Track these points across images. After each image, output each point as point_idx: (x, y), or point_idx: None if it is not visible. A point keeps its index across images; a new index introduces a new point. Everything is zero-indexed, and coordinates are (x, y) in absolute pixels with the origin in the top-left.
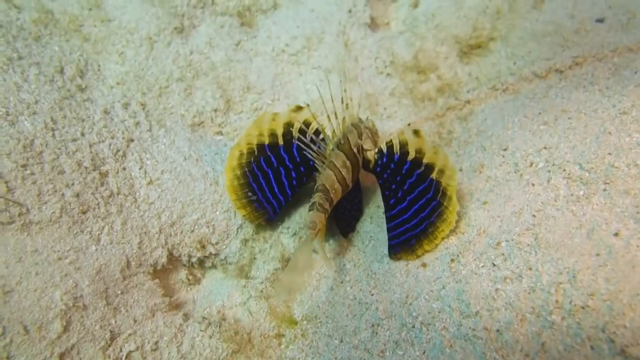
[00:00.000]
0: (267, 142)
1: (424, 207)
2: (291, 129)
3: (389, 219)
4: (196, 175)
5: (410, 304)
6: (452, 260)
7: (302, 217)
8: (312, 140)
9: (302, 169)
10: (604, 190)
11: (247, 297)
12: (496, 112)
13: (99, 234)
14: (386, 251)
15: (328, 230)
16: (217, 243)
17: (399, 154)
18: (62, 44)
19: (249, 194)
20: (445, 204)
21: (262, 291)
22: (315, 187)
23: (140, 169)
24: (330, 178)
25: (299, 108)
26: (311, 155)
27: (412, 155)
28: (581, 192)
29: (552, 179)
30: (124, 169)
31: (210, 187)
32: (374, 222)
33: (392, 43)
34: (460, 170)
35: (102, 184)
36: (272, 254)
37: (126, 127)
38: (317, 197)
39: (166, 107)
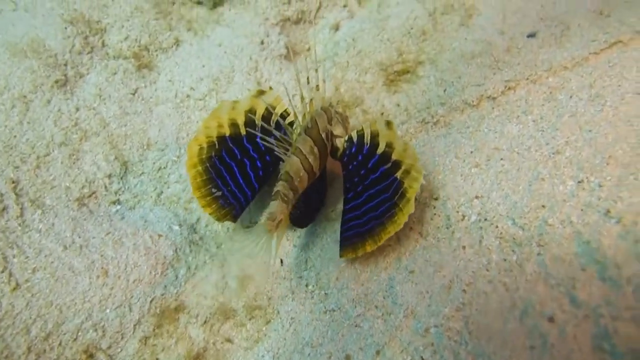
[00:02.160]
0: (228, 133)
1: (378, 206)
2: (253, 116)
3: (343, 213)
4: (79, 267)
5: None
6: (378, 352)
7: None
8: (277, 126)
9: (267, 158)
10: (538, 254)
11: None
12: (427, 150)
13: None
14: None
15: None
16: (109, 348)
17: (368, 145)
18: None
19: (213, 190)
20: (400, 205)
21: None
22: (279, 174)
23: (2, 272)
24: (295, 165)
25: (261, 92)
26: (271, 143)
27: (381, 148)
28: (514, 258)
29: (484, 238)
30: None
31: (98, 280)
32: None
33: (311, 76)
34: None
35: None
36: (178, 350)
37: None
38: (280, 186)
39: (46, 181)
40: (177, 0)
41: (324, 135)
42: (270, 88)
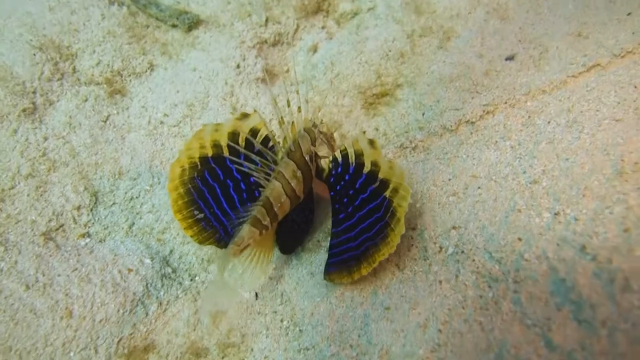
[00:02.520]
0: (210, 154)
1: (371, 226)
2: (237, 138)
3: (333, 235)
4: (41, 309)
5: None
6: None
7: None
8: (258, 152)
9: (251, 179)
10: (514, 292)
11: None
12: (405, 177)
13: None
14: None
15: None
16: None
17: (354, 164)
18: None
19: (195, 212)
20: (392, 225)
21: None
22: (258, 199)
23: None
24: (276, 190)
25: (244, 115)
26: (250, 169)
27: (367, 167)
28: (490, 295)
29: (460, 273)
30: None
31: (61, 322)
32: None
33: (291, 98)
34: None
35: None
36: None
37: None
38: (256, 211)
39: (10, 215)
40: (151, 24)
41: (307, 158)
42: (255, 111)
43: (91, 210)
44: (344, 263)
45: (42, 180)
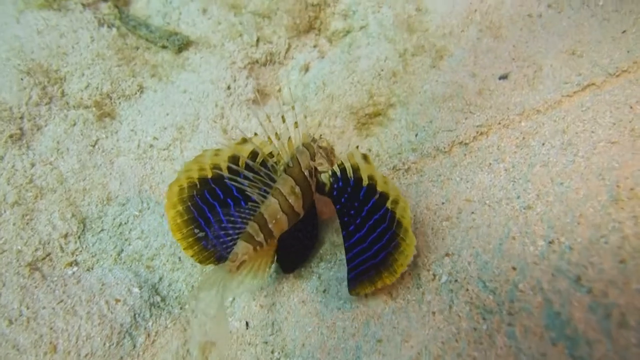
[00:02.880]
0: (210, 175)
1: (381, 236)
2: (237, 161)
3: (348, 249)
4: (25, 344)
5: None
6: None
7: None
8: (258, 171)
9: (252, 198)
10: (509, 325)
11: None
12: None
13: None
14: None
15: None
16: None
17: (353, 178)
18: None
19: (196, 230)
20: (401, 235)
21: None
22: (254, 215)
23: None
24: (271, 207)
25: (244, 140)
26: (245, 186)
27: (365, 181)
28: (484, 327)
29: (454, 303)
30: None
31: (45, 357)
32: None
33: (287, 115)
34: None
35: None
36: None
37: None
38: (250, 227)
39: None
40: (141, 45)
41: (306, 173)
42: (255, 134)
43: (79, 237)
44: (364, 274)
45: (29, 208)
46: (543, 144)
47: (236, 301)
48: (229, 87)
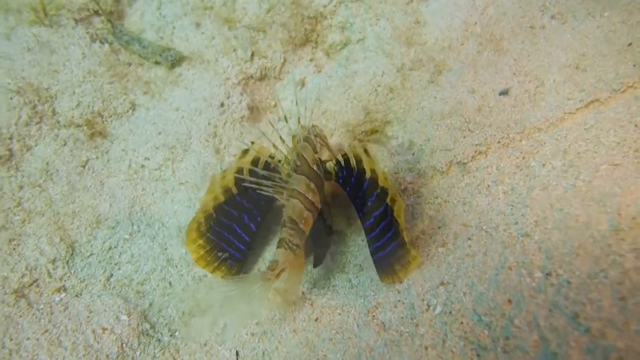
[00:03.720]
0: (223, 199)
1: (389, 227)
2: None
3: (367, 230)
4: None
5: None
6: None
7: None
8: (263, 176)
9: (262, 203)
10: None
11: None
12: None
13: None
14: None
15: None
16: None
17: (356, 168)
18: None
19: (219, 254)
20: (402, 237)
21: None
22: (282, 221)
23: None
24: (296, 208)
25: (245, 152)
26: (267, 191)
27: (368, 173)
28: None
29: (448, 337)
30: None
31: None
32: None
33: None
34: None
35: None
36: None
37: None
38: (284, 233)
39: None
40: (133, 61)
41: (315, 167)
42: (252, 143)
43: (67, 262)
44: (391, 255)
45: (16, 233)
46: (544, 165)
47: (226, 328)
48: (222, 105)
